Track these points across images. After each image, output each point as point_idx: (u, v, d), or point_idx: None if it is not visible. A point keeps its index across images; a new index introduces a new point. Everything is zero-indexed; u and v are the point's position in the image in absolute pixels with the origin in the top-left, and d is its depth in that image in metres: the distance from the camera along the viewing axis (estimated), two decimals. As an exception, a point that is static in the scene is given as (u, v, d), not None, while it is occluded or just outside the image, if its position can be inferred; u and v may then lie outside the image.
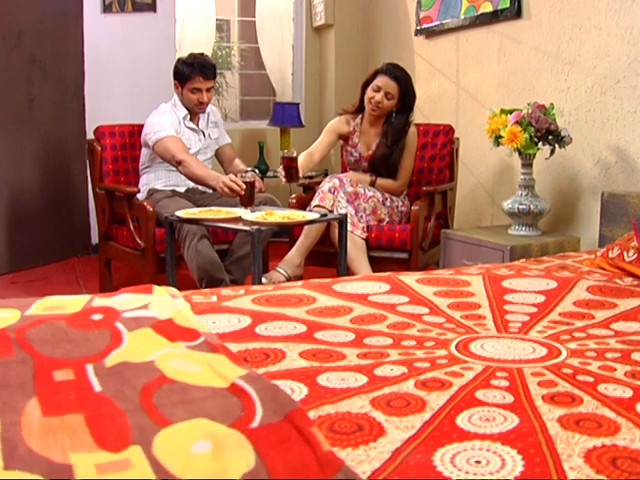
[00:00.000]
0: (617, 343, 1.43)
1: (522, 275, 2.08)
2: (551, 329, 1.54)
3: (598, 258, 2.22)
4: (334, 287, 1.89)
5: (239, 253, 3.26)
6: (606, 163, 3.12)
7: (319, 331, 1.51)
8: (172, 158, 3.22)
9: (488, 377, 1.22)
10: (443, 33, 4.07)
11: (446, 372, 1.24)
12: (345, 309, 1.69)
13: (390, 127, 3.35)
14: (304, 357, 1.34)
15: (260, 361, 1.34)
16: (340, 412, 1.08)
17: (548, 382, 1.20)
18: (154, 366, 1.31)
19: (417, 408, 1.09)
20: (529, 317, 1.64)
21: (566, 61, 3.28)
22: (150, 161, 3.44)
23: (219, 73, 5.49)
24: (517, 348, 1.39)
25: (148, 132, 3.34)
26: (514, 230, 3.13)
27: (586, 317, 1.65)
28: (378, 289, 1.89)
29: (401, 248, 3.23)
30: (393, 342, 1.43)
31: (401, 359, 1.32)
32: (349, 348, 1.40)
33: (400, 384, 1.19)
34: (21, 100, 4.02)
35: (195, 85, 3.37)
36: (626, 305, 1.74)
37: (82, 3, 4.28)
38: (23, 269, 4.11)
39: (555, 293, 1.86)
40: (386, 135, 3.35)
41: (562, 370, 1.26)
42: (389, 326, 1.54)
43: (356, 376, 1.24)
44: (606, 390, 1.17)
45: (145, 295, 1.78)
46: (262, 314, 1.64)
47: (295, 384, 1.20)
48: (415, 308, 1.69)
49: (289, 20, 4.96)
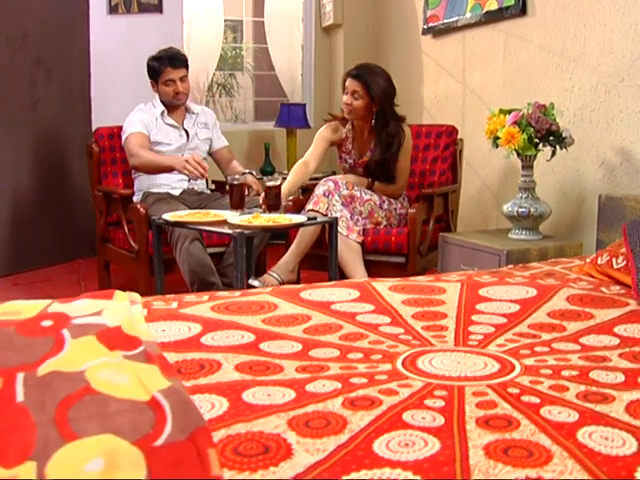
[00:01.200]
0: (580, 359, 1.34)
1: (504, 282, 1.99)
2: (513, 342, 1.45)
3: (587, 265, 2.12)
4: (301, 294, 1.82)
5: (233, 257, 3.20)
6: (610, 165, 3.00)
7: (266, 341, 1.44)
8: (129, 154, 3.26)
9: (424, 396, 1.14)
10: (450, 32, 3.98)
11: (380, 390, 1.16)
12: (303, 318, 1.62)
13: (384, 132, 3.22)
14: (239, 370, 1.28)
15: (193, 372, 1.28)
16: (252, 431, 1.02)
17: (488, 403, 1.12)
18: (83, 376, 1.26)
19: (336, 429, 1.02)
20: (494, 329, 1.55)
21: (571, 59, 3.16)
22: None
23: (229, 74, 5.47)
24: (468, 363, 1.30)
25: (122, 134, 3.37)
26: (514, 234, 3.02)
27: (556, 329, 1.55)
28: (347, 296, 1.82)
29: (398, 252, 3.14)
30: (339, 355, 1.36)
31: (339, 374, 1.25)
32: (290, 360, 1.33)
33: (327, 402, 1.12)
34: (25, 101, 4.03)
35: (167, 77, 3.36)
36: (604, 316, 1.64)
37: (88, 4, 4.27)
38: (27, 270, 4.12)
39: (532, 302, 1.76)
40: (380, 140, 3.23)
41: (507, 390, 1.17)
42: (341, 337, 1.47)
43: (285, 391, 1.17)
44: (549, 414, 1.08)
45: (103, 301, 1.74)
46: (215, 322, 1.58)
47: (218, 399, 1.14)
48: (377, 317, 1.62)
49: (298, 20, 4.90)
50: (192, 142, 3.46)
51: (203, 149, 3.50)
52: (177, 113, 3.46)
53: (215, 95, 5.49)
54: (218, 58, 4.82)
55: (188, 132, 3.46)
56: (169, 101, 3.41)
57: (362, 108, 3.19)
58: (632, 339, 1.47)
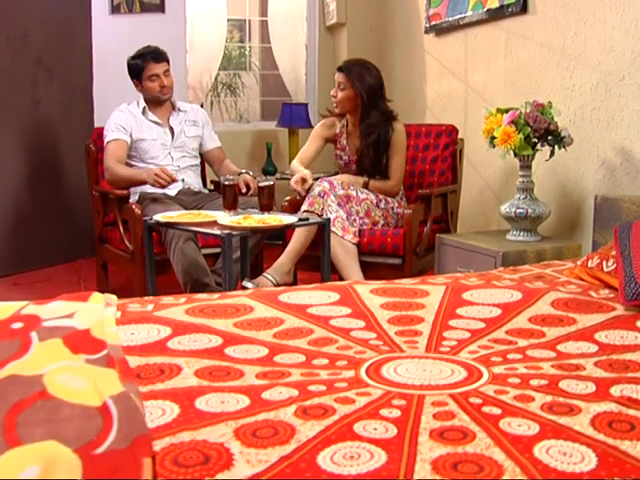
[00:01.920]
0: (552, 368, 1.29)
1: (491, 285, 1.94)
2: (487, 349, 1.41)
3: (577, 268, 2.06)
4: (280, 297, 1.79)
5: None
6: (611, 165, 2.94)
7: (233, 346, 1.41)
8: (104, 167, 3.32)
9: (381, 405, 1.10)
10: (452, 30, 3.92)
11: (337, 398, 1.13)
12: (276, 321, 1.59)
13: (365, 123, 3.20)
14: (198, 375, 1.25)
15: (152, 377, 1.25)
16: (196, 440, 0.99)
17: (446, 414, 1.07)
18: (40, 380, 1.24)
19: (282, 439, 0.99)
20: (470, 334, 1.50)
21: (571, 57, 3.10)
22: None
23: (234, 74, 5.45)
24: (434, 371, 1.26)
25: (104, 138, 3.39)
26: (512, 235, 2.97)
27: (535, 335, 1.51)
28: (326, 299, 1.78)
29: (394, 253, 3.10)
30: (305, 360, 1.33)
31: (298, 381, 1.21)
32: (253, 366, 1.30)
33: (280, 410, 1.08)
34: (26, 101, 4.03)
35: (151, 72, 3.35)
36: (587, 322, 1.59)
37: (90, 4, 4.26)
38: (28, 270, 4.12)
39: (514, 306, 1.72)
40: (365, 133, 3.22)
41: (469, 400, 1.13)
42: (310, 342, 1.43)
43: (239, 398, 1.14)
44: (508, 426, 1.03)
45: (77, 303, 1.72)
46: (186, 326, 1.55)
47: (170, 405, 1.12)
48: (351, 322, 1.58)
49: (302, 19, 4.86)
50: (178, 139, 3.42)
51: (191, 147, 3.47)
52: (162, 110, 3.43)
53: (220, 95, 5.46)
54: (222, 58, 4.79)
55: (173, 129, 3.43)
56: (155, 97, 3.39)
57: (347, 99, 3.21)
58: (612, 346, 1.42)
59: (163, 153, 3.40)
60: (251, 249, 3.17)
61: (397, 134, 3.26)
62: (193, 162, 3.50)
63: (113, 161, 3.28)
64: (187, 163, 3.46)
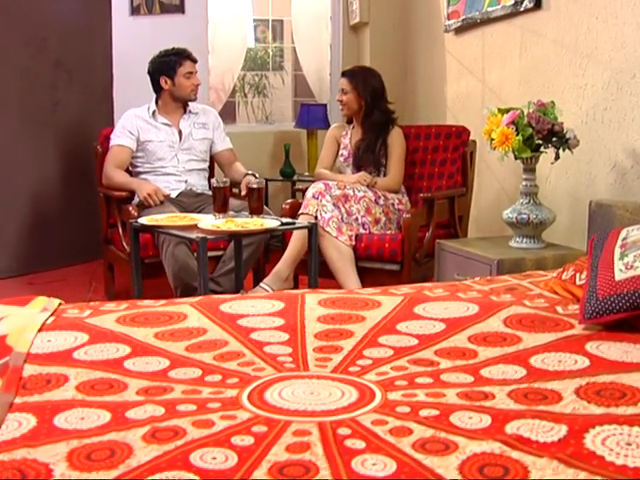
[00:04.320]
0: (456, 396, 1.17)
1: (453, 298, 1.82)
2: (399, 370, 1.29)
3: (552, 280, 1.92)
4: (221, 306, 1.72)
5: (229, 265, 3.13)
6: (622, 168, 2.76)
7: (137, 357, 1.36)
8: (103, 171, 3.35)
9: (238, 431, 1.01)
10: (470, 28, 3.78)
11: (197, 421, 1.05)
12: (199, 331, 1.52)
13: (367, 120, 3.36)
14: (79, 388, 1.20)
15: (36, 388, 1.21)
16: (27, 459, 0.94)
17: (301, 445, 0.97)
18: None
19: (113, 463, 0.92)
20: (393, 352, 1.40)
21: (584, 54, 2.93)
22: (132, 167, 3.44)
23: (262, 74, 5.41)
24: (322, 394, 1.16)
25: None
26: (515, 242, 2.82)
27: (465, 356, 1.39)
28: (269, 309, 1.70)
29: (391, 259, 2.99)
30: (199, 376, 1.26)
31: (175, 398, 1.14)
32: (142, 380, 1.24)
33: (131, 430, 1.02)
34: (45, 103, 4.09)
35: (188, 69, 3.37)
36: (532, 342, 1.46)
37: (110, 6, 4.29)
38: (45, 270, 4.18)
39: (463, 322, 1.60)
40: (366, 128, 3.35)
41: (337, 430, 1.02)
42: (217, 356, 1.36)
43: (102, 415, 1.08)
44: (361, 465, 0.92)
45: (12, 307, 1.70)
46: (105, 334, 1.51)
47: (28, 418, 1.07)
48: (274, 335, 1.50)
49: (325, 19, 4.78)
50: (186, 142, 3.40)
51: (199, 149, 3.44)
52: (174, 112, 3.42)
53: (247, 95, 5.44)
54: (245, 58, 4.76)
55: (182, 131, 3.41)
56: (184, 96, 3.38)
57: (351, 102, 3.35)
58: (542, 372, 1.29)
59: (170, 155, 3.39)
60: (248, 258, 3.12)
61: (394, 135, 3.34)
62: (200, 166, 3.47)
63: (112, 166, 3.30)
64: (193, 166, 3.43)
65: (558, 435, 0.98)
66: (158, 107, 3.43)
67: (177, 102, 3.43)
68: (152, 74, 3.45)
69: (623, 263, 1.58)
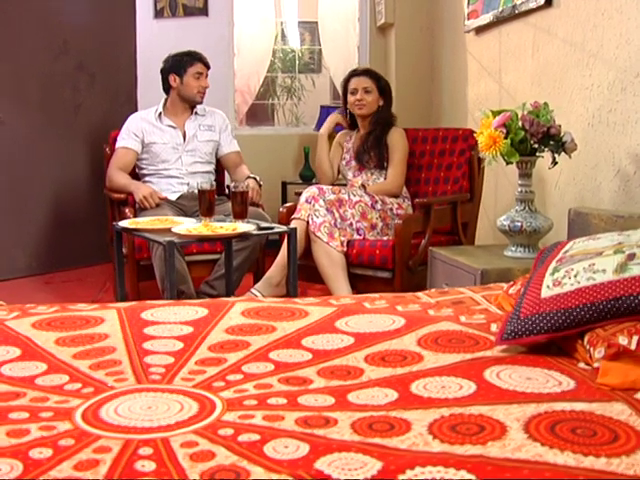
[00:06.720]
0: (293, 421, 1.05)
1: (390, 311, 1.72)
2: (261, 389, 1.19)
3: (501, 295, 1.79)
4: (143, 314, 1.68)
5: (224, 269, 3.10)
6: (625, 174, 2.57)
7: (20, 361, 1.34)
8: (107, 173, 3.38)
9: (130, 460, 0.93)
10: (487, 28, 3.63)
11: (9, 430, 1.00)
12: (100, 337, 1.49)
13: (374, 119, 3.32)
14: None
15: None
16: None
17: (204, 454, 0.93)
18: None
19: None
20: (274, 367, 1.31)
21: (591, 53, 2.75)
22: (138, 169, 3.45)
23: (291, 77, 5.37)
24: (160, 408, 1.09)
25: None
26: (509, 251, 2.67)
27: (350, 375, 1.28)
28: (193, 315, 1.65)
29: (382, 266, 2.89)
30: (64, 382, 1.22)
31: (16, 405, 1.10)
32: (3, 384, 1.20)
33: None
34: (67, 106, 4.17)
35: (198, 69, 3.36)
36: (430, 364, 1.31)
37: (134, 9, 4.35)
38: (63, 269, 4.26)
39: (373, 338, 1.49)
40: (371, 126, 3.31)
41: (218, 432, 0.98)
42: (94, 364, 1.31)
43: None
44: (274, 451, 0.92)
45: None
46: (8, 337, 1.49)
47: None
48: (167, 344, 1.44)
49: (352, 20, 4.70)
50: (190, 144, 3.39)
51: (204, 151, 3.42)
52: (180, 114, 3.42)
53: (280, 98, 5.41)
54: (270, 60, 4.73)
55: (186, 133, 3.40)
56: (190, 96, 3.38)
57: (374, 102, 3.31)
58: (413, 397, 1.14)
59: (174, 157, 3.39)
60: (243, 262, 3.09)
61: (394, 134, 3.28)
62: (204, 168, 3.46)
63: (114, 168, 3.33)
64: (198, 169, 3.43)
65: (366, 474, 0.88)
66: (165, 108, 3.44)
67: (184, 103, 3.42)
68: (163, 72, 3.45)
69: (552, 279, 1.44)
